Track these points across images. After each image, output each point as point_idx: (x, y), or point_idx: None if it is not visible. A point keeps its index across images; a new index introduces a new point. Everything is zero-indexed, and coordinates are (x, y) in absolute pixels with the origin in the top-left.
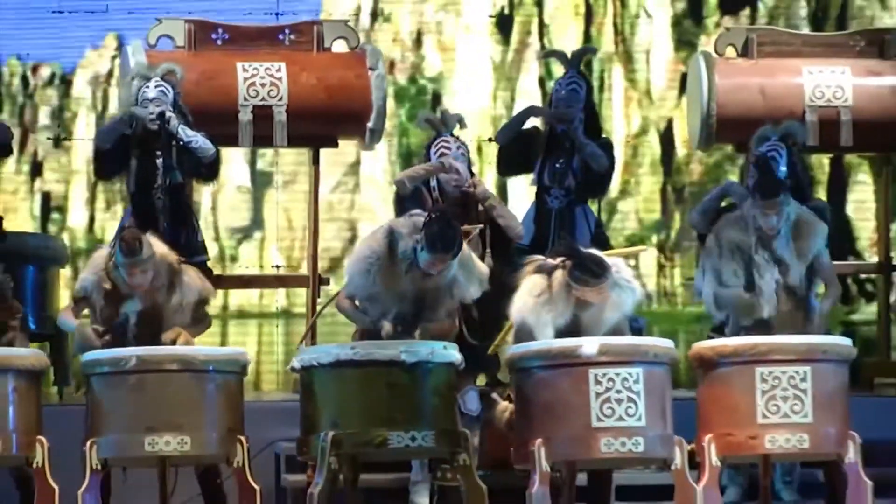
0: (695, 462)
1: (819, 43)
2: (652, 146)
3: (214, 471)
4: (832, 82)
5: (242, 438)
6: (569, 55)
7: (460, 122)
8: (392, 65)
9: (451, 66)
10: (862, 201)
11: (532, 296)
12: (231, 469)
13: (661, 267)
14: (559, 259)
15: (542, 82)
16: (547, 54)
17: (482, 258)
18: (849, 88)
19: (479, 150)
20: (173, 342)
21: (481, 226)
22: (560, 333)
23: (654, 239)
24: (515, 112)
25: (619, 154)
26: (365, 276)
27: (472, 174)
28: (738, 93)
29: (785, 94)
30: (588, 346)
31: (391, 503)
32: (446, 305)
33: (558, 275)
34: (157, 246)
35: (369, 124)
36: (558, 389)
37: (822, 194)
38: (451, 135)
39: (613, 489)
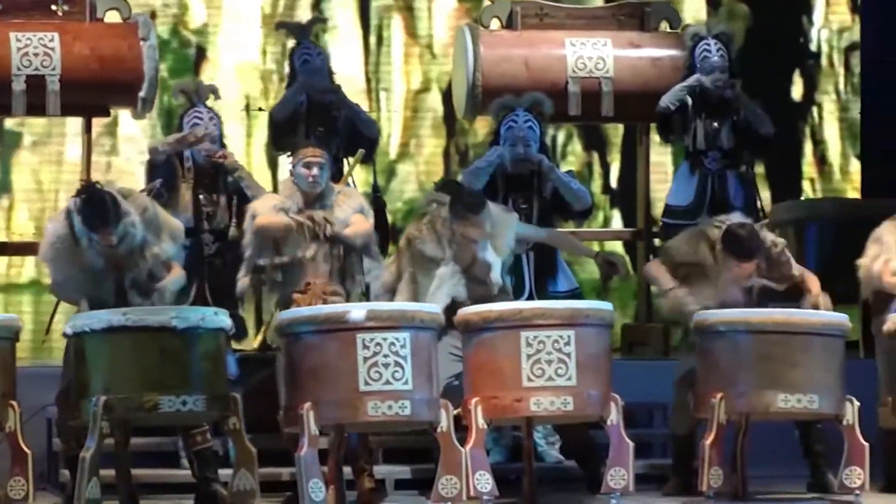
0: (461, 425)
1: (582, 15)
2: (434, 105)
3: None
4: (594, 54)
5: (14, 403)
6: (302, 26)
7: (214, 92)
8: (152, 15)
9: (217, 18)
10: (660, 163)
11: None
12: (3, 434)
13: None
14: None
15: (317, 35)
16: (279, 26)
17: (227, 228)
18: (610, 60)
19: (248, 107)
20: None
21: (158, 181)
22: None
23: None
24: (287, 71)
25: (399, 112)
26: (56, 261)
27: (223, 146)
28: (502, 64)
29: (548, 66)
30: (356, 311)
31: (160, 466)
32: (144, 268)
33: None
34: None
35: (141, 94)
36: (327, 354)
37: (616, 156)
38: (205, 105)
39: (381, 452)
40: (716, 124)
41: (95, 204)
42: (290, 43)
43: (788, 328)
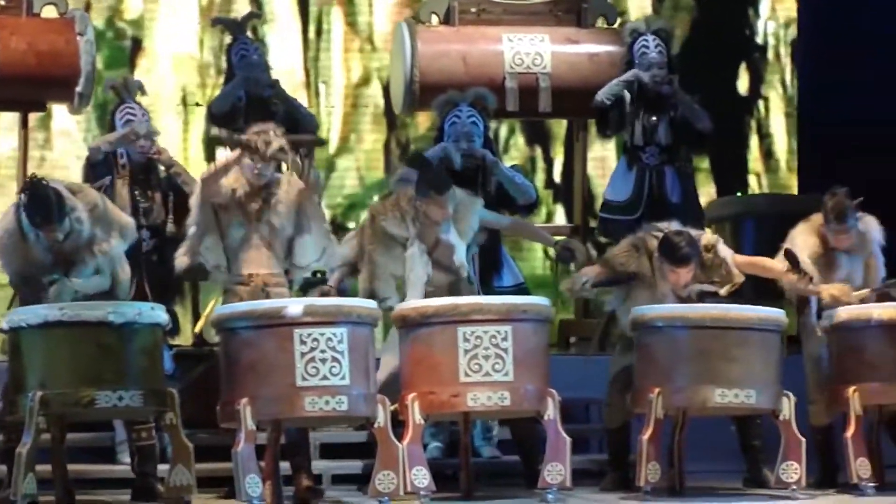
0: (398, 420)
1: (519, 11)
2: (375, 97)
3: None
4: (531, 50)
5: None
6: (238, 22)
7: (140, 88)
8: (88, 6)
9: (154, 8)
10: (602, 158)
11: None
12: None
13: None
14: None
15: (254, 29)
16: (215, 21)
17: (164, 224)
18: (547, 56)
19: (185, 100)
20: None
21: (108, 179)
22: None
23: (376, 199)
24: (224, 62)
25: (339, 105)
26: (6, 256)
27: (153, 141)
28: (440, 60)
29: (485, 62)
30: (293, 306)
31: (97, 461)
32: (91, 263)
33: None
34: None
35: (78, 89)
36: (264, 349)
37: (559, 151)
38: (135, 101)
39: (318, 447)
40: (654, 119)
41: (39, 200)
42: (227, 38)
43: (725, 323)
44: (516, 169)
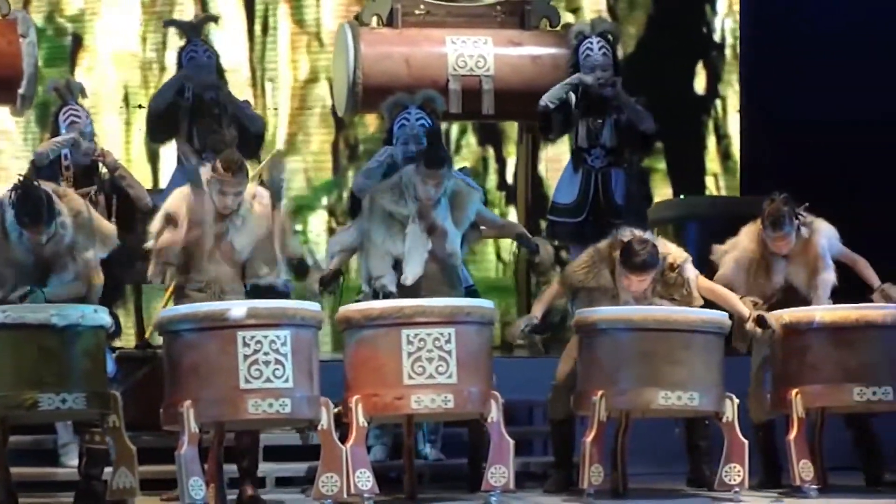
0: (342, 422)
1: (462, 13)
2: (322, 96)
3: None
4: (474, 52)
5: None
6: (192, 24)
7: (81, 91)
8: (27, 2)
9: (96, 5)
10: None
11: None
12: None
13: (331, 232)
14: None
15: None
16: (168, 23)
17: None
18: (490, 58)
19: (126, 98)
20: None
21: (94, 188)
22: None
23: (325, 201)
24: (169, 57)
25: (286, 105)
26: None
27: (96, 143)
28: (383, 62)
29: (429, 64)
30: (236, 309)
31: (40, 464)
32: (71, 268)
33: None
34: None
35: (21, 90)
36: (207, 352)
37: (512, 151)
38: (77, 103)
39: (262, 449)
40: (598, 122)
41: (31, 201)
42: (181, 40)
43: (669, 326)
44: (465, 172)
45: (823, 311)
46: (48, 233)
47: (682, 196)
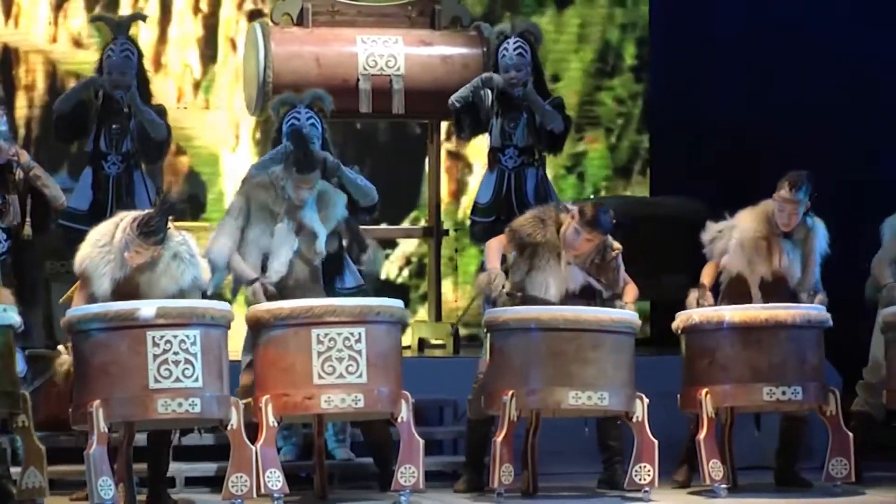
0: (252, 422)
1: (373, 13)
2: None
3: None
4: (385, 51)
5: None
6: (117, 21)
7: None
8: None
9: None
10: None
11: (95, 245)
12: None
13: None
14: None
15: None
16: (94, 19)
17: (21, 227)
18: (401, 57)
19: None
20: None
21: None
22: (118, 293)
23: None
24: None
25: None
26: None
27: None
28: (293, 61)
29: (339, 63)
30: (146, 309)
31: None
32: None
33: (122, 228)
34: None
35: None
36: (116, 351)
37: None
38: None
39: (171, 449)
40: (512, 122)
41: None
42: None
43: (579, 325)
44: (358, 170)
45: (733, 311)
46: None
47: (591, 196)
